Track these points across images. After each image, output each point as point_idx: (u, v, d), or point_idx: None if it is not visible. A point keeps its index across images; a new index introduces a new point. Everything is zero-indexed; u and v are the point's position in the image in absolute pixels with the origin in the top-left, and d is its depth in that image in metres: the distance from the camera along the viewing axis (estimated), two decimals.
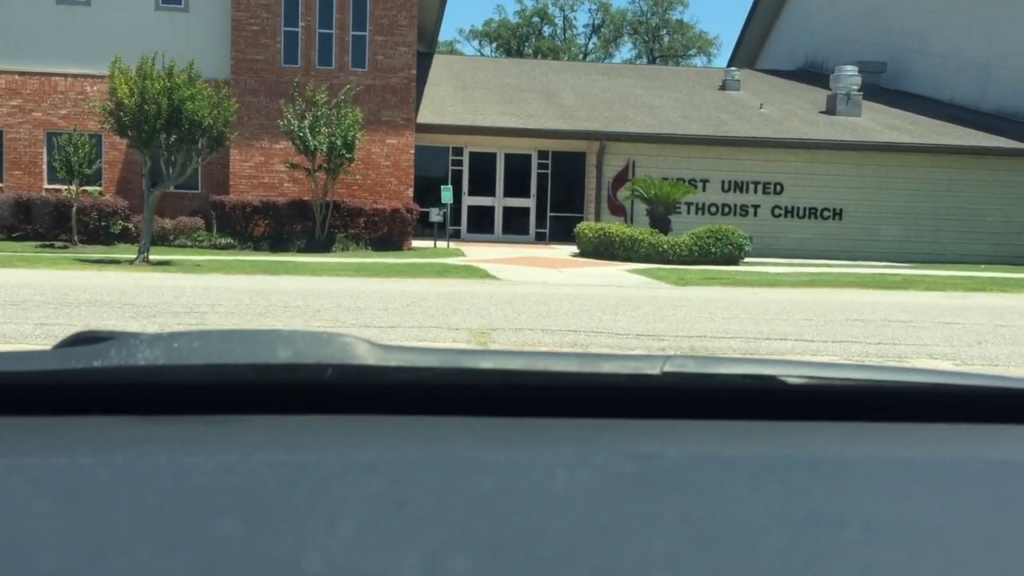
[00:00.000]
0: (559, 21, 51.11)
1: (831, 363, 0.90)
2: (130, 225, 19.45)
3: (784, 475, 0.64)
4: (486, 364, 0.77)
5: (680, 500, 0.58)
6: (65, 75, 20.56)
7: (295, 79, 20.09)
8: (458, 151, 24.05)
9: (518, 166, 24.42)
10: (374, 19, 20.96)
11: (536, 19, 51.33)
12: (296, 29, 20.75)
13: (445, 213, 21.27)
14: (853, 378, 0.83)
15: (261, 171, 20.89)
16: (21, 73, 20.48)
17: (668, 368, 0.78)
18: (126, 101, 13.69)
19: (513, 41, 50.91)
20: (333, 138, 18.48)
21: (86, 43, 20.33)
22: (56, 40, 20.46)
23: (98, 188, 20.37)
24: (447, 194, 20.74)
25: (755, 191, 23.73)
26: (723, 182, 23.61)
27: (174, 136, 14.17)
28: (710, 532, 0.53)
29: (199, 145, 14.54)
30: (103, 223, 19.28)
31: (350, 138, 18.66)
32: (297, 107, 18.96)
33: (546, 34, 51.28)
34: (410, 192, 21.29)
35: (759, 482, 0.62)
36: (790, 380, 0.80)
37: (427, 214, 21.47)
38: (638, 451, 0.68)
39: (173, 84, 13.79)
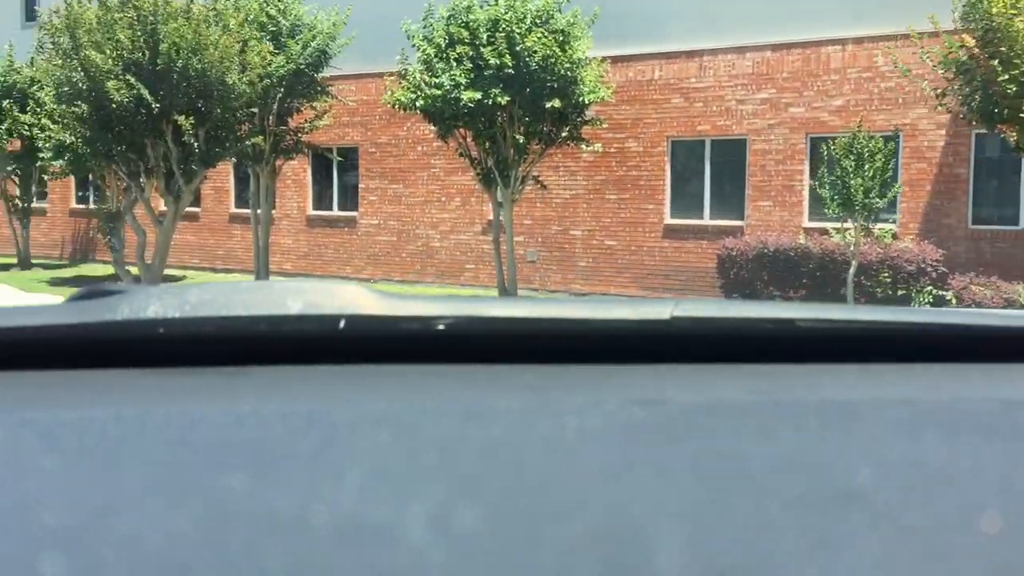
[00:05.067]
0: None
1: (842, 306, 0.87)
2: (946, 294, 10.77)
3: (795, 419, 0.63)
4: (495, 311, 0.77)
5: (691, 446, 0.58)
6: (843, 40, 12.51)
7: None
8: None
9: None
10: None
11: None
12: None
13: None
14: (865, 320, 0.82)
15: None
16: (775, 47, 13.04)
17: (677, 312, 0.77)
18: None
19: None
20: None
21: None
22: None
23: (891, 227, 12.00)
24: None
25: None
26: None
27: None
28: (721, 477, 0.53)
29: None
30: (898, 290, 10.97)
31: None
32: None
33: None
34: None
35: (770, 426, 0.61)
36: (801, 323, 0.80)
37: None
38: (648, 397, 0.67)
39: None
